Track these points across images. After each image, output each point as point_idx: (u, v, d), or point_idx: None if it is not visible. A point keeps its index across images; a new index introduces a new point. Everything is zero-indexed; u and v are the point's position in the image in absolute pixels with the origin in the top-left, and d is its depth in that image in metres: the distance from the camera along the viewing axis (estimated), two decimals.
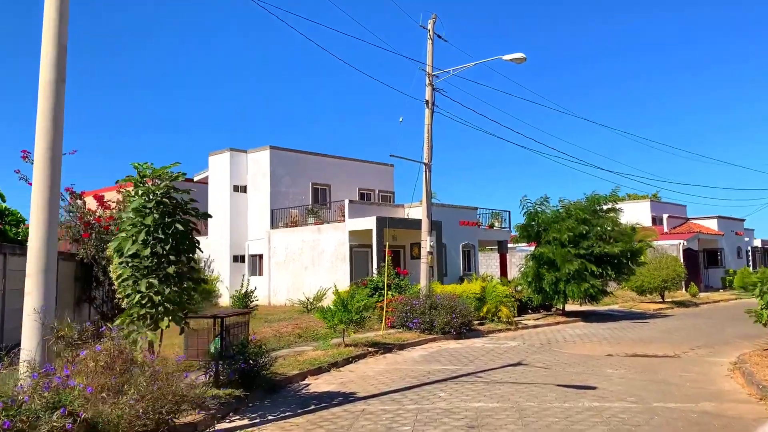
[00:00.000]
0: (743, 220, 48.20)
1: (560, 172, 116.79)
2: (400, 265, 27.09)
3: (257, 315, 19.59)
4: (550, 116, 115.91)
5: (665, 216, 43.31)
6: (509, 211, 31.94)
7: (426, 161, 18.59)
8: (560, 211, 23.18)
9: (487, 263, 46.79)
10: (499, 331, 18.68)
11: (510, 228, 31.63)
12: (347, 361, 12.72)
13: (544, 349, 14.86)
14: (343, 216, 25.52)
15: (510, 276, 33.37)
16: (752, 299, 13.22)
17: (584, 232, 22.00)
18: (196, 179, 33.59)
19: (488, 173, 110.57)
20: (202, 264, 31.82)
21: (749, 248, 48.64)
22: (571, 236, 21.97)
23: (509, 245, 43.85)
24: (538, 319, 21.95)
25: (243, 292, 20.12)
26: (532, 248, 23.89)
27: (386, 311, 18.21)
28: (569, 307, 24.23)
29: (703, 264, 42.20)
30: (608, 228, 22.42)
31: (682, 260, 32.75)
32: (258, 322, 17.77)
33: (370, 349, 14.03)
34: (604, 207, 23.20)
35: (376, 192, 33.21)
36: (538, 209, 23.09)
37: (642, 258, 23.53)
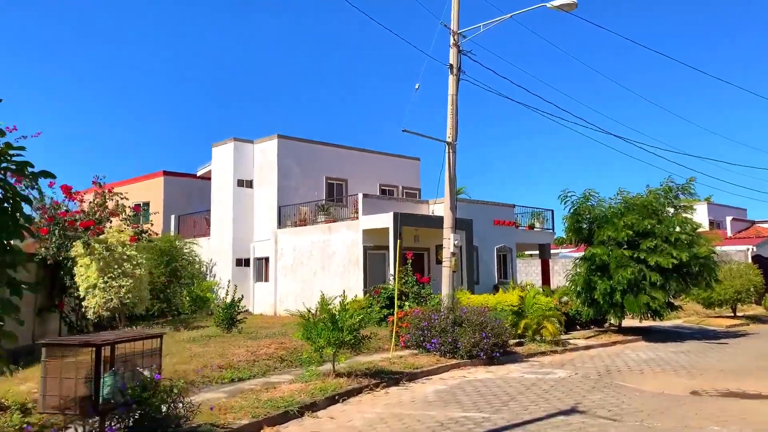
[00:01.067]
0: None
1: (613, 162, 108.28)
2: (423, 270, 23.58)
3: (245, 329, 16.37)
4: (605, 93, 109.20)
5: (728, 219, 38.76)
6: (552, 210, 28.14)
7: (450, 139, 15.10)
8: (618, 204, 19.36)
9: (527, 270, 42.77)
10: (542, 353, 15.02)
11: (553, 229, 27.80)
12: (332, 400, 9.30)
13: (604, 382, 11.18)
14: (357, 213, 22.14)
15: (553, 285, 29.50)
16: None
17: (648, 228, 18.12)
18: (199, 174, 30.71)
19: (528, 164, 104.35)
20: (204, 268, 28.98)
21: None
22: (630, 234, 18.14)
23: (552, 250, 39.98)
24: (589, 337, 18.17)
25: (228, 301, 16.94)
26: (580, 254, 20.07)
27: (396, 327, 14.75)
28: (626, 323, 20.35)
29: None
30: (678, 229, 18.48)
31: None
32: (238, 340, 14.50)
33: (368, 380, 10.57)
34: (677, 202, 19.25)
35: (400, 188, 29.77)
36: (585, 203, 19.32)
37: (718, 271, 19.51)
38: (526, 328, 16.08)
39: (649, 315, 18.84)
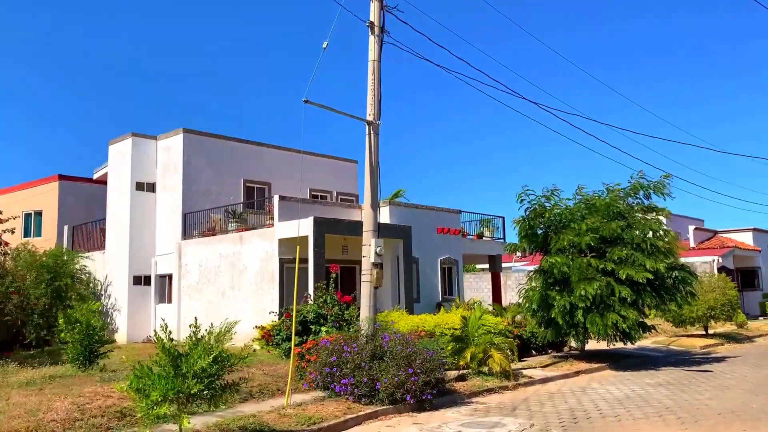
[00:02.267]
0: None
1: (576, 158, 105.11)
2: (354, 286, 20.35)
3: (110, 366, 12.87)
4: (571, 78, 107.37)
5: (691, 228, 36.85)
6: (503, 218, 25.32)
7: (371, 117, 11.99)
8: (579, 205, 16.61)
9: (478, 285, 40.04)
10: (489, 391, 11.94)
11: (504, 239, 24.98)
12: None
13: None
14: (273, 219, 18.80)
15: (506, 301, 26.69)
16: None
17: (617, 233, 15.40)
18: (96, 176, 26.82)
19: (475, 161, 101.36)
20: (98, 288, 25.04)
21: None
22: (594, 239, 15.36)
23: (505, 263, 37.34)
24: (547, 365, 15.22)
25: (97, 326, 13.44)
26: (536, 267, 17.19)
27: (303, 362, 11.49)
28: (590, 346, 17.52)
29: (737, 286, 35.65)
30: (651, 234, 15.80)
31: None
32: (88, 382, 10.94)
33: None
34: (648, 205, 16.60)
35: (334, 194, 26.58)
36: (546, 204, 16.47)
37: (695, 285, 16.91)
38: (471, 358, 12.98)
39: (618, 337, 16.05)
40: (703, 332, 23.13)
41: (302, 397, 10.72)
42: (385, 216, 20.05)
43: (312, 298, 16.04)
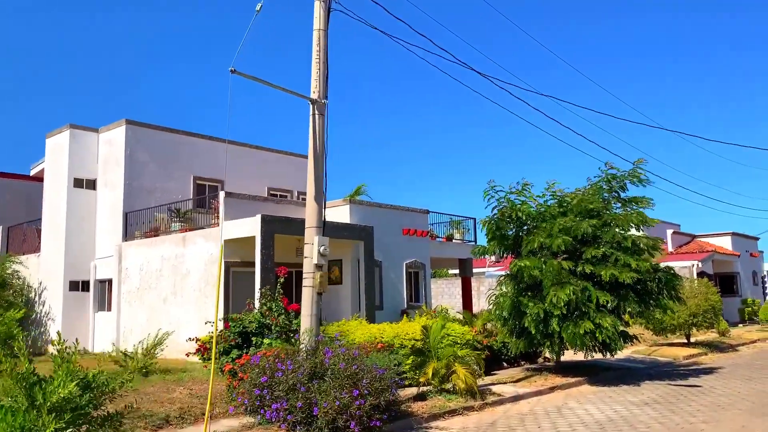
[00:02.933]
0: (758, 239, 41.13)
1: (551, 158, 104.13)
2: None
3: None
4: (543, 62, 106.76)
5: (669, 232, 35.82)
6: (474, 219, 23.83)
7: (316, 95, 10.38)
8: (551, 203, 15.20)
9: (450, 291, 38.64)
10: (452, 413, 10.39)
11: (476, 241, 23.50)
12: None
13: None
14: (218, 218, 17.07)
15: (478, 309, 25.20)
16: None
17: (590, 232, 14.02)
18: (33, 172, 24.82)
19: (444, 159, 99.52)
20: (33, 294, 23.00)
21: (765, 273, 41.47)
22: (568, 241, 13.92)
23: (479, 269, 35.94)
24: (518, 380, 13.73)
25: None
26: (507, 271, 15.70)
27: (235, 381, 9.85)
28: (566, 357, 16.06)
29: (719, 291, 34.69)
30: (633, 231, 14.46)
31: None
32: None
33: None
34: (625, 194, 15.26)
35: (295, 193, 24.90)
36: (516, 201, 15.01)
37: (681, 288, 15.57)
38: (433, 374, 11.40)
39: (596, 348, 14.63)
40: (685, 341, 21.89)
41: (229, 423, 9.08)
42: (344, 215, 18.46)
43: (257, 305, 14.35)
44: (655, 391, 12.75)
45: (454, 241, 23.31)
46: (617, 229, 14.28)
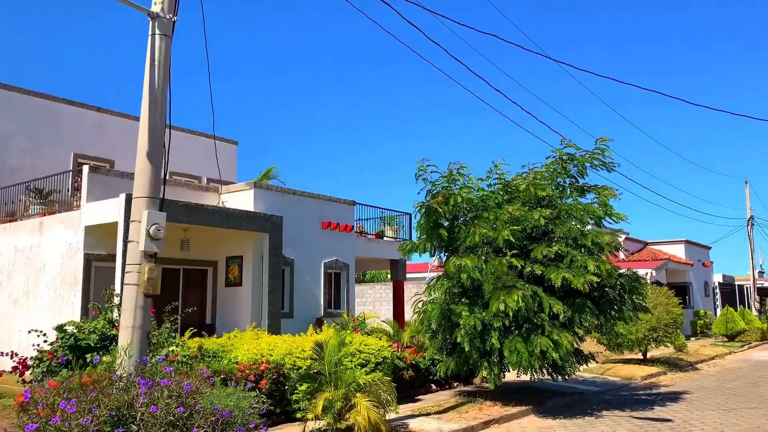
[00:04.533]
0: (709, 248, 39.72)
1: (501, 146, 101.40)
2: (205, 295, 15.53)
3: None
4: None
5: (621, 239, 33.75)
6: (410, 215, 20.94)
7: (157, 8, 7.22)
8: (495, 189, 12.47)
9: (389, 298, 35.67)
10: None
11: (411, 239, 20.60)
12: None
13: None
14: (80, 199, 13.67)
15: (411, 317, 22.30)
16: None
17: (542, 225, 11.36)
18: None
19: (378, 149, 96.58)
20: None
21: (716, 284, 40.06)
22: (516, 234, 11.18)
23: (419, 274, 33.15)
24: (445, 410, 10.86)
25: None
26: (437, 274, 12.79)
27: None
28: (508, 377, 13.27)
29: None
30: (591, 226, 11.87)
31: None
32: None
33: None
34: (584, 180, 12.66)
35: (204, 180, 21.58)
36: (452, 185, 12.18)
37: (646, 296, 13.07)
38: (325, 407, 8.36)
39: (546, 370, 11.90)
40: (641, 357, 19.52)
41: None
42: (247, 202, 15.32)
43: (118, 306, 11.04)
44: (617, 428, 10.03)
45: (385, 238, 20.40)
46: (573, 222, 11.60)
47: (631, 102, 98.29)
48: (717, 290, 40.01)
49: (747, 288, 43.83)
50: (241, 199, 15.45)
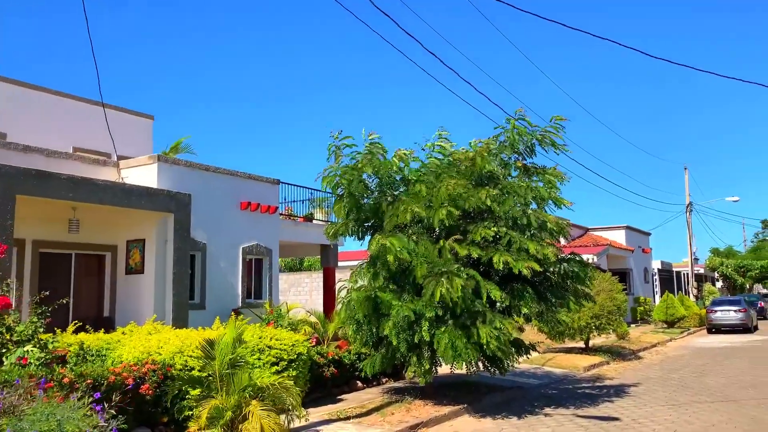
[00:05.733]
0: (649, 234, 39.81)
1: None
2: (103, 285, 13.72)
3: None
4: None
5: (566, 223, 33.23)
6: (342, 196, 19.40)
7: None
8: (435, 160, 11.21)
9: (319, 287, 34.19)
10: None
11: None
12: None
13: None
14: None
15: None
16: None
17: (485, 206, 10.16)
18: None
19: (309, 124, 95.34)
20: None
21: (656, 270, 40.25)
22: (454, 214, 9.91)
23: (353, 262, 31.81)
24: (369, 412, 9.55)
25: None
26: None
27: None
28: (442, 370, 12.03)
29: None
30: (535, 207, 10.73)
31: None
32: None
33: None
34: (531, 160, 11.52)
35: (114, 157, 19.48)
36: (378, 155, 10.83)
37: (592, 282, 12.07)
38: (212, 418, 6.86)
39: (482, 363, 10.72)
40: (583, 346, 18.71)
41: None
42: (150, 177, 13.56)
43: None
44: (560, 430, 8.91)
45: (315, 222, 18.90)
46: (517, 206, 10.40)
47: (578, 79, 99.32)
48: (656, 276, 40.21)
49: (684, 274, 44.33)
50: (143, 174, 13.67)
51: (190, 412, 7.45)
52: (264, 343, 9.54)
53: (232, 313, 11.52)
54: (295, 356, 9.67)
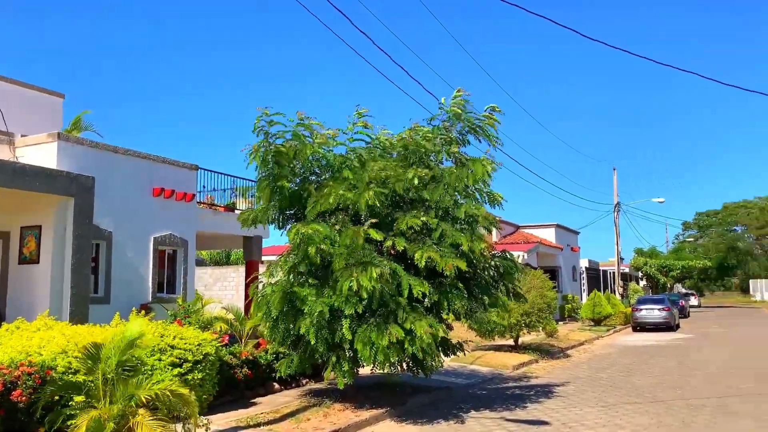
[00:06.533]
0: (578, 232, 40.44)
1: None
2: None
3: None
4: None
5: (497, 218, 33.20)
6: None
7: None
8: (361, 148, 10.50)
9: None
10: None
11: None
12: None
13: None
14: None
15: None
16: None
17: (414, 191, 9.58)
18: None
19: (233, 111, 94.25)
20: None
21: (583, 269, 40.95)
22: (381, 198, 9.26)
23: (266, 257, 30.82)
24: (280, 419, 8.80)
25: None
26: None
27: None
28: (366, 370, 11.35)
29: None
30: (460, 197, 10.18)
31: None
32: None
33: None
34: (463, 149, 10.95)
35: (18, 136, 17.86)
36: (304, 135, 10.04)
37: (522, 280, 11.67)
38: (94, 428, 5.91)
39: (406, 363, 10.09)
40: (512, 344, 18.43)
41: None
42: (50, 157, 12.30)
43: None
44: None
45: (237, 211, 17.82)
46: (447, 196, 9.80)
47: (515, 73, 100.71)
48: (584, 275, 40.93)
49: (611, 273, 45.36)
50: (42, 154, 12.38)
51: (69, 423, 6.47)
52: (166, 343, 8.62)
53: (134, 309, 10.42)
54: (202, 357, 8.78)
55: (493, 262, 10.67)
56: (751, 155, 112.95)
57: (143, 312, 11.63)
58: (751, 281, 77.14)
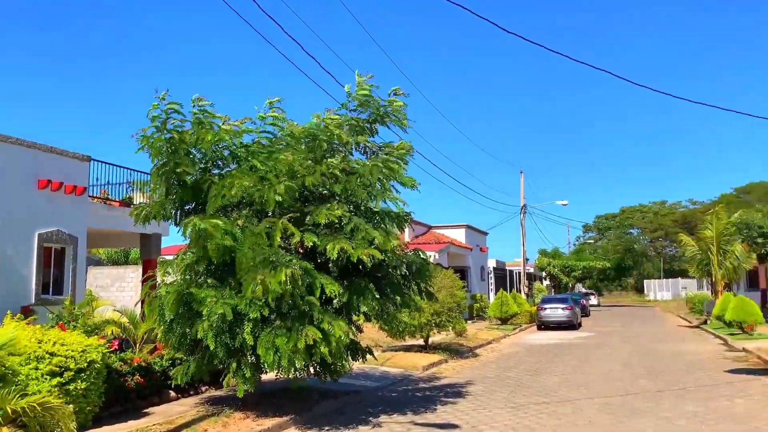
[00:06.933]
0: (487, 233, 41.19)
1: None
2: None
3: None
4: None
5: (410, 214, 33.21)
6: None
7: None
8: (267, 134, 9.95)
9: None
10: None
11: None
12: None
13: None
14: None
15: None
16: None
17: (327, 185, 9.17)
18: None
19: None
20: None
21: (491, 269, 41.76)
22: (293, 191, 8.77)
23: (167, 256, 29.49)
24: (174, 429, 8.09)
25: None
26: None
27: None
28: (269, 376, 10.76)
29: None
30: (379, 188, 9.80)
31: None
32: None
33: None
34: (373, 138, 10.61)
35: None
36: (209, 125, 9.37)
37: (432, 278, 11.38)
38: None
39: (314, 368, 9.59)
40: (423, 344, 18.30)
41: None
42: None
43: None
44: None
45: (133, 205, 16.70)
46: (358, 180, 9.41)
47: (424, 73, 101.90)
48: (491, 275, 41.73)
49: (517, 273, 46.54)
50: None
51: None
52: (44, 350, 7.76)
53: (9, 312, 9.38)
54: (86, 364, 7.97)
55: (405, 260, 10.37)
56: (651, 166, 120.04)
57: (22, 315, 10.55)
58: (645, 281, 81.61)
